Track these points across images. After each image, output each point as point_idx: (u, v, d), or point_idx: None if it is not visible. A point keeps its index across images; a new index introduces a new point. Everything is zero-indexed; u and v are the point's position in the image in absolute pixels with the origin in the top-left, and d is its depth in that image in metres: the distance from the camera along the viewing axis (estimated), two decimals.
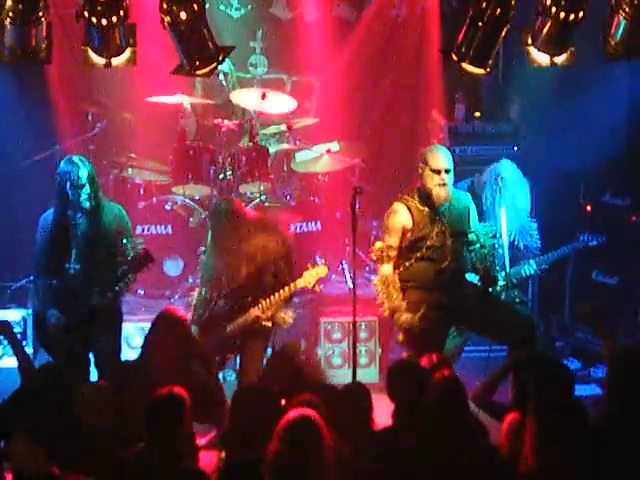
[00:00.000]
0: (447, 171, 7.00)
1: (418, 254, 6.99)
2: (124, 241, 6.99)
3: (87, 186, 6.86)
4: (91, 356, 7.15)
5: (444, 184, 6.99)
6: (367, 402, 5.36)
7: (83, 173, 6.85)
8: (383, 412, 5.49)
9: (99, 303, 6.85)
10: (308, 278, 7.33)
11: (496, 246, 7.81)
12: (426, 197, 7.05)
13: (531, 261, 8.35)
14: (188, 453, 5.17)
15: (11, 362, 8.88)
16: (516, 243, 8.32)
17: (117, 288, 6.87)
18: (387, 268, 7.01)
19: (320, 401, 4.98)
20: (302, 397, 5.04)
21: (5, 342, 8.99)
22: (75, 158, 6.99)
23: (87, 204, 6.88)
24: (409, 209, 7.07)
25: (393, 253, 7.02)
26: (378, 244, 7.08)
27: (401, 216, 7.06)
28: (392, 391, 5.46)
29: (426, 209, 7.05)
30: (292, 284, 7.32)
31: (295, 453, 4.38)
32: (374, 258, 7.10)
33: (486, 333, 7.39)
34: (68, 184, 6.87)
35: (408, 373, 5.54)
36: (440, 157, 7.07)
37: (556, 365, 5.53)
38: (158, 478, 4.84)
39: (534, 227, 8.55)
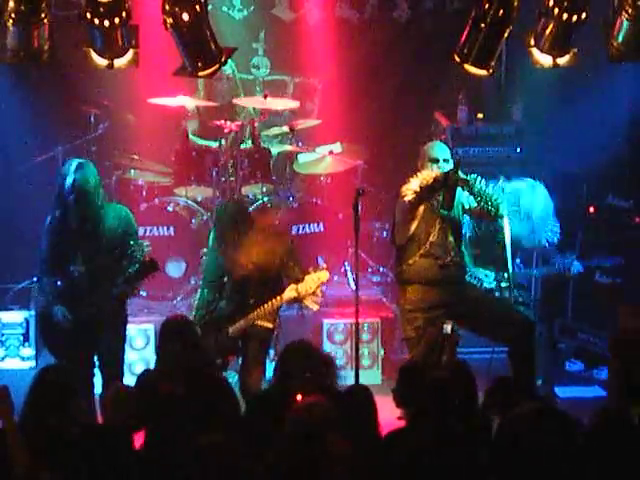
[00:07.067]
0: (445, 160, 7.01)
1: (422, 250, 6.97)
2: (131, 242, 6.96)
3: (86, 190, 6.77)
4: (94, 357, 7.14)
5: None
6: (372, 404, 5.34)
7: (81, 176, 6.77)
8: (386, 413, 5.48)
9: (117, 293, 6.82)
10: (310, 282, 7.22)
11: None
12: None
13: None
14: None
15: (13, 363, 8.92)
16: (543, 242, 8.21)
17: (124, 288, 6.86)
18: None
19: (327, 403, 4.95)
20: (307, 399, 5.01)
21: (7, 343, 9.02)
22: (77, 161, 6.90)
23: (86, 207, 6.81)
24: None
25: None
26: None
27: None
28: (405, 393, 5.44)
29: (428, 204, 7.01)
30: (294, 289, 7.23)
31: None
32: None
33: (484, 333, 7.35)
34: (67, 186, 6.78)
35: (420, 374, 5.51)
36: (438, 148, 7.15)
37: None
38: None
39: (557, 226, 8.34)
